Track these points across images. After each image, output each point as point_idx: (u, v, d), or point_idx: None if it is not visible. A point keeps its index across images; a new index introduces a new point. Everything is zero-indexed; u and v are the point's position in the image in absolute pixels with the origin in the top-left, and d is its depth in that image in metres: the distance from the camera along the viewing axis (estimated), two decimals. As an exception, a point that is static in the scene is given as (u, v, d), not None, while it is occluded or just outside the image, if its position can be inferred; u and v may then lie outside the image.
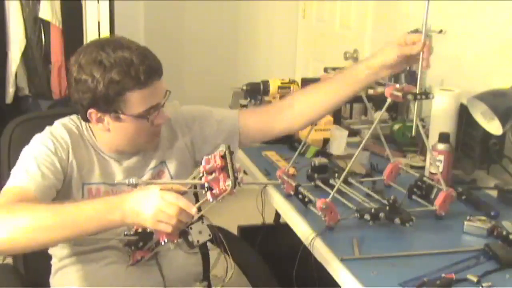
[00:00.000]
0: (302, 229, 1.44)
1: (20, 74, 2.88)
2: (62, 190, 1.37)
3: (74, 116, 1.46)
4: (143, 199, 1.16)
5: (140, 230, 1.36)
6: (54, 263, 1.50)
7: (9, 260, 1.62)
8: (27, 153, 1.36)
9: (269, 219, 2.33)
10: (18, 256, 1.60)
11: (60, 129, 1.41)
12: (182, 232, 1.22)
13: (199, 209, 1.20)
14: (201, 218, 1.25)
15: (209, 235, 1.25)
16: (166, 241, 1.22)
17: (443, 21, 2.18)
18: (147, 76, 1.31)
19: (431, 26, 2.27)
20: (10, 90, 2.85)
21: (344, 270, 1.23)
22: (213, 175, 1.16)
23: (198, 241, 1.23)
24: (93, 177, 1.42)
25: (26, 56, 2.85)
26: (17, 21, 2.78)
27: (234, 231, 2.41)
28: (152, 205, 1.15)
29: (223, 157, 1.16)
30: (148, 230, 1.32)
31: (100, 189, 1.43)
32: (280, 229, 2.10)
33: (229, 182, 1.14)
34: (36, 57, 2.87)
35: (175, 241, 1.23)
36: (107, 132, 1.39)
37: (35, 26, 2.82)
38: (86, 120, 1.39)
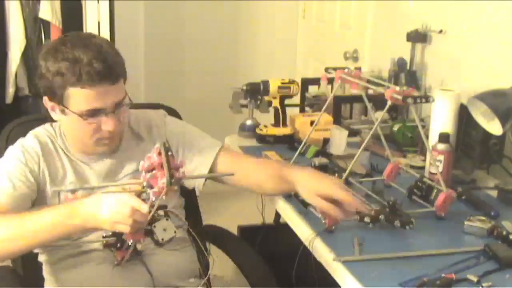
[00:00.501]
0: (302, 229, 1.44)
1: (20, 74, 2.88)
2: (38, 199, 1.41)
3: (48, 124, 1.50)
4: (98, 202, 1.21)
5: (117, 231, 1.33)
6: (44, 269, 1.50)
7: (8, 262, 1.63)
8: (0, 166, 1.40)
9: (269, 219, 2.33)
10: (16, 258, 1.61)
11: (31, 140, 1.44)
12: (147, 231, 1.23)
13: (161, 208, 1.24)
14: (167, 215, 1.29)
15: (174, 231, 1.27)
16: (131, 241, 1.25)
17: (443, 21, 2.19)
18: (90, 77, 1.30)
19: (431, 26, 2.29)
20: (10, 90, 2.85)
21: (344, 270, 1.23)
22: (153, 172, 1.17)
23: (163, 239, 1.25)
24: (67, 184, 1.44)
25: (26, 56, 2.85)
26: (17, 21, 2.78)
27: (234, 231, 2.41)
28: (107, 207, 1.19)
29: (160, 154, 1.16)
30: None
31: (76, 195, 1.41)
32: (280, 229, 2.10)
33: (164, 180, 1.13)
34: (36, 57, 2.86)
35: (141, 240, 1.25)
36: (64, 131, 1.45)
37: (35, 26, 2.82)
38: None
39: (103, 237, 1.37)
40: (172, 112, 1.70)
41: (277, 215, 2.40)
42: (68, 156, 1.46)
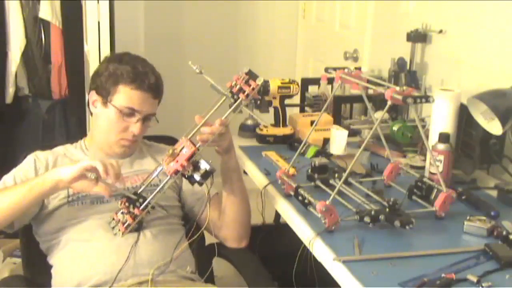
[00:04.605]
0: (302, 229, 1.44)
1: (20, 74, 2.88)
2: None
3: (68, 145, 1.71)
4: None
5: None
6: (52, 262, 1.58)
7: (20, 271, 1.74)
8: (14, 169, 1.61)
9: (269, 219, 2.33)
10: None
11: (46, 152, 1.66)
12: (194, 163, 1.42)
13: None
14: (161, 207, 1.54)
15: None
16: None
17: (443, 21, 2.19)
18: (142, 83, 1.58)
19: (431, 26, 2.28)
20: (10, 90, 2.85)
21: (344, 270, 1.23)
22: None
23: (206, 169, 1.42)
24: None
25: (26, 56, 2.84)
26: (17, 21, 2.78)
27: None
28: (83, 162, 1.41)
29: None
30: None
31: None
32: (280, 229, 2.10)
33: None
34: (36, 57, 2.87)
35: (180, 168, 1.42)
36: (94, 126, 1.67)
37: (35, 26, 2.82)
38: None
39: (124, 196, 1.51)
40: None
41: (277, 215, 2.40)
42: (84, 154, 1.67)
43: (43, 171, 1.57)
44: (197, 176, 1.43)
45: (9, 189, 1.48)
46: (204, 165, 1.43)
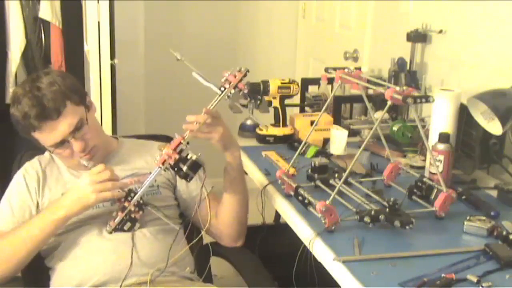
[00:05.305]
0: (302, 229, 1.44)
1: (20, 74, 2.87)
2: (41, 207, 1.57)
3: None
4: (76, 187, 1.46)
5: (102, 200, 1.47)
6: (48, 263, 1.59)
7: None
8: (7, 190, 1.60)
9: (269, 219, 2.33)
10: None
11: (33, 161, 1.65)
12: (182, 158, 1.41)
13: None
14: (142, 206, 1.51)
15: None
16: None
17: (443, 21, 2.19)
18: (35, 125, 1.49)
19: (431, 26, 2.29)
20: (10, 90, 2.84)
21: (344, 270, 1.23)
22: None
23: (192, 157, 1.41)
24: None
25: (26, 56, 2.84)
26: (17, 21, 2.78)
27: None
28: (85, 182, 1.44)
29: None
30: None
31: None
32: (280, 229, 2.10)
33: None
34: (36, 57, 2.86)
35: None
36: None
37: (35, 26, 2.82)
38: None
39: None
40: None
41: (277, 215, 2.40)
42: (65, 167, 1.64)
43: (36, 187, 1.58)
44: (183, 167, 1.42)
45: (17, 231, 1.48)
46: (191, 156, 1.42)
